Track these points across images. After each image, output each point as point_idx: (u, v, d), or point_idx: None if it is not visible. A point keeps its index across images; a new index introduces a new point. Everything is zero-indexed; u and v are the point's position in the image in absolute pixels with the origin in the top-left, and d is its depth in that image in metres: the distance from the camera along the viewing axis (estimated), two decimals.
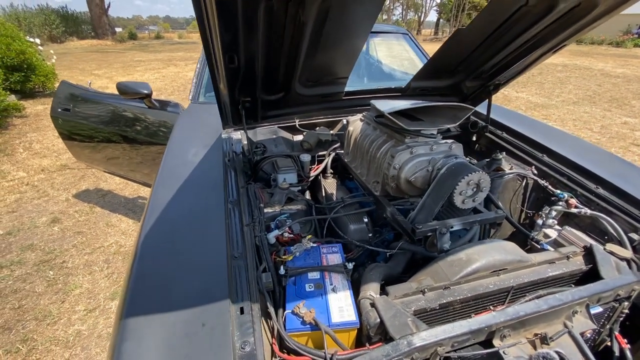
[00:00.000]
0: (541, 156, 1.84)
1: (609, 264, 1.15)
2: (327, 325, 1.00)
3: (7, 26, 7.23)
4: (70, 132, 3.14)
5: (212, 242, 1.14)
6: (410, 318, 0.96)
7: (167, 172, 1.55)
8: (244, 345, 0.86)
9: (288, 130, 2.15)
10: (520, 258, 1.15)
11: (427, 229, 1.25)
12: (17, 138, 5.50)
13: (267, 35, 1.16)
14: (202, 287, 0.98)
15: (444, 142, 1.44)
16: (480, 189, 1.31)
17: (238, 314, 0.94)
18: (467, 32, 1.50)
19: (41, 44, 8.89)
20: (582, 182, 1.61)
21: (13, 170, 4.50)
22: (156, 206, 1.29)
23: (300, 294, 1.10)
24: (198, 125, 2.07)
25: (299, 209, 1.53)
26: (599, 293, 1.02)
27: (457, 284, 1.07)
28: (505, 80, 1.93)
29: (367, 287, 1.11)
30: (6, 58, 6.77)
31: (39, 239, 3.13)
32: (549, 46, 1.59)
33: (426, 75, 1.82)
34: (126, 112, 2.86)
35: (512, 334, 0.95)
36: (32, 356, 2.01)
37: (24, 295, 2.47)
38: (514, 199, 1.81)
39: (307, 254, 1.27)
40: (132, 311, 0.92)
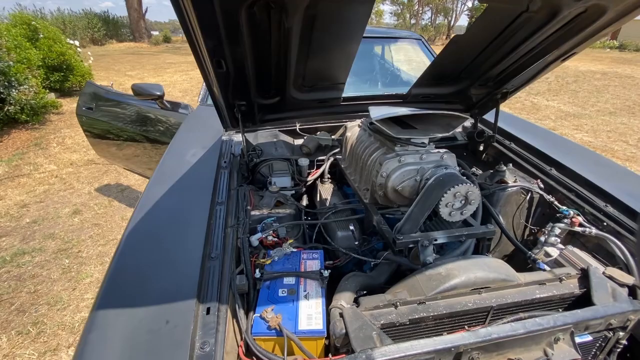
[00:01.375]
0: (549, 169, 1.74)
1: (604, 290, 1.06)
2: (294, 332, 0.99)
3: (50, 29, 7.81)
4: (93, 129, 3.34)
5: (191, 241, 1.16)
6: (375, 331, 0.94)
7: (163, 171, 1.61)
8: (204, 345, 0.87)
9: (289, 134, 2.17)
10: (505, 277, 1.08)
11: (409, 240, 1.22)
12: (52, 133, 5.91)
13: (253, 41, 1.18)
14: (172, 286, 1.00)
15: (436, 152, 1.40)
16: (468, 201, 1.25)
17: (204, 314, 0.95)
18: (467, 39, 1.45)
19: (81, 46, 9.52)
20: (590, 199, 1.50)
21: (45, 163, 4.83)
22: (145, 203, 1.34)
23: (272, 298, 1.10)
24: (202, 127, 2.13)
25: (287, 213, 1.53)
26: (586, 320, 0.94)
27: (433, 300, 1.03)
28: (513, 88, 1.84)
29: (339, 296, 1.09)
30: (48, 59, 7.31)
31: (60, 228, 3.34)
32: (557, 54, 1.51)
33: (427, 82, 1.77)
34: (142, 113, 3.00)
35: (482, 357, 0.90)
36: (40, 339, 2.14)
37: (40, 281, 2.64)
38: (517, 213, 1.72)
39: (286, 259, 1.27)
40: (104, 303, 0.96)
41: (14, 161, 4.83)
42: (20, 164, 4.78)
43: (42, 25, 7.72)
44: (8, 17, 8.00)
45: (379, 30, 3.99)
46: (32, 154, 5.09)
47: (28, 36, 7.15)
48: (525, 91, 9.88)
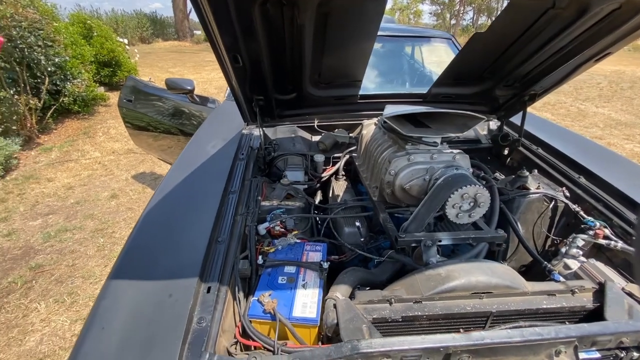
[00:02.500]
0: (577, 177, 1.63)
1: (619, 306, 0.99)
2: (288, 317, 1.02)
3: (103, 28, 8.47)
4: (131, 121, 3.59)
5: (201, 225, 1.23)
6: (366, 324, 0.95)
7: (183, 160, 1.71)
8: (201, 320, 0.93)
9: (307, 130, 2.21)
10: (509, 284, 1.04)
11: (411, 239, 1.21)
12: (99, 124, 6.43)
13: (268, 37, 1.23)
14: (178, 264, 1.07)
15: (449, 152, 1.37)
16: (477, 204, 1.22)
17: (204, 292, 1.01)
18: (488, 36, 1.40)
19: (129, 44, 10.24)
20: (620, 210, 1.39)
21: (91, 151, 5.27)
22: (164, 188, 1.44)
23: (271, 284, 1.14)
24: (225, 121, 2.22)
25: (296, 206, 1.57)
26: (592, 335, 0.88)
27: (429, 300, 1.02)
28: (542, 90, 1.75)
29: (336, 288, 1.11)
30: (99, 55, 7.94)
31: (98, 210, 3.64)
32: (590, 53, 1.41)
33: (448, 81, 1.73)
34: (178, 107, 3.18)
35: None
36: (73, 308, 2.36)
37: (78, 256, 2.90)
38: (539, 222, 1.63)
39: (290, 249, 1.30)
40: (117, 275, 1.05)
41: (65, 147, 5.31)
42: (70, 150, 5.24)
43: (96, 24, 8.40)
44: (68, 17, 8.78)
45: (408, 29, 3.92)
46: (80, 141, 5.57)
47: (83, 34, 7.81)
48: (572, 96, 9.20)
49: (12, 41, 4.92)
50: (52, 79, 5.81)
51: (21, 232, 3.21)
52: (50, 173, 4.46)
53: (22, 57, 5.16)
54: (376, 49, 3.25)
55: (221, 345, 0.99)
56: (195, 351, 0.85)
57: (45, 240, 3.08)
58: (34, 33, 5.34)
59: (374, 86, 2.94)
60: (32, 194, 3.92)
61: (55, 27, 6.00)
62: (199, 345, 0.87)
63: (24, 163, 4.74)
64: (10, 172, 4.44)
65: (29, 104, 5.28)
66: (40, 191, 4.00)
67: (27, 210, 3.60)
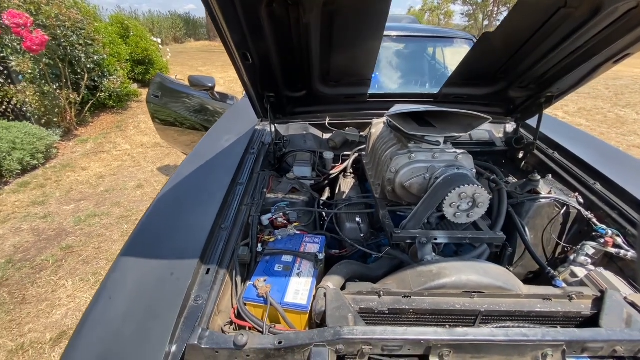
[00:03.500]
0: (593, 183, 1.57)
1: (617, 314, 0.95)
2: (279, 302, 1.07)
3: (139, 28, 8.96)
4: (158, 115, 3.80)
5: (206, 212, 1.31)
6: (352, 313, 0.98)
7: (197, 152, 1.81)
8: (197, 299, 1.00)
9: (319, 128, 2.25)
10: (502, 285, 1.03)
11: (406, 235, 1.22)
12: (131, 118, 6.81)
13: (276, 35, 1.28)
14: (182, 245, 1.15)
15: (452, 152, 1.36)
16: (476, 204, 1.21)
17: (204, 273, 1.09)
18: (498, 36, 1.38)
19: (163, 44, 10.74)
20: (635, 219, 1.33)
21: (122, 143, 5.60)
22: (176, 177, 1.54)
23: (268, 271, 1.19)
24: (240, 117, 2.31)
25: (300, 200, 1.62)
26: (582, 341, 0.86)
27: (419, 295, 1.03)
28: (559, 92, 1.69)
29: (328, 278, 1.15)
30: (134, 54, 8.41)
31: (125, 198, 3.87)
32: (608, 54, 1.36)
33: (458, 81, 1.71)
34: (203, 104, 3.33)
35: (453, 356, 0.88)
36: (96, 286, 2.53)
37: (104, 240, 3.11)
38: (549, 228, 1.58)
39: (289, 239, 1.35)
40: (127, 252, 1.14)
41: (99, 139, 5.68)
42: (104, 142, 5.60)
43: (132, 24, 8.89)
44: (108, 18, 9.37)
45: (430, 29, 3.86)
46: (113, 134, 5.93)
47: (120, 34, 8.30)
48: (611, 102, 8.65)
49: (56, 39, 5.33)
50: (90, 76, 6.23)
51: (56, 215, 3.48)
52: (85, 163, 4.79)
53: (65, 55, 5.58)
54: (398, 50, 3.25)
55: (216, 324, 1.06)
56: (189, 325, 0.92)
57: (76, 224, 3.33)
58: (76, 32, 5.75)
59: (395, 86, 2.94)
60: (67, 181, 4.24)
61: (95, 27, 6.43)
62: (193, 320, 0.94)
63: (63, 153, 5.11)
64: (50, 161, 4.81)
65: (69, 98, 5.69)
66: (75, 179, 4.31)
67: (62, 195, 3.90)
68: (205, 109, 3.31)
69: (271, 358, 0.91)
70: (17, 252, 2.90)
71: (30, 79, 5.13)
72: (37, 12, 4.93)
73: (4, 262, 2.75)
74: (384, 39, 2.87)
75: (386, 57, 2.85)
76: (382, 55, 2.85)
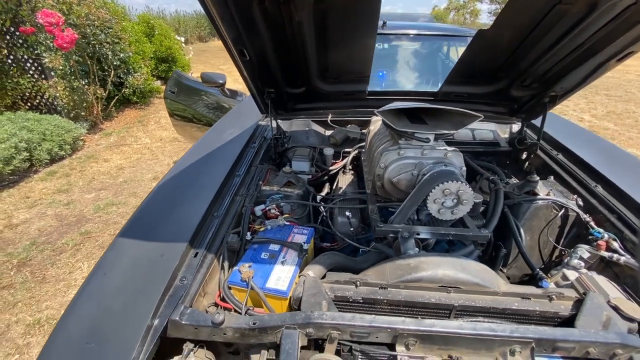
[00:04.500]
0: (594, 186, 1.52)
1: (595, 316, 0.94)
2: (261, 287, 1.12)
3: (163, 27, 9.30)
4: (174, 111, 3.95)
5: (201, 200, 1.37)
6: (326, 300, 1.01)
7: (200, 144, 1.89)
8: (183, 279, 1.07)
9: (321, 124, 2.29)
10: (479, 281, 1.03)
11: (389, 229, 1.24)
12: (152, 113, 7.09)
13: (271, 33, 1.33)
14: (174, 229, 1.22)
15: (442, 149, 1.37)
16: (460, 201, 1.21)
17: (192, 257, 1.15)
18: (493, 34, 1.36)
19: (188, 42, 11.09)
20: (633, 224, 1.29)
21: (143, 137, 5.85)
22: (178, 167, 1.62)
23: (254, 258, 1.24)
24: (246, 112, 2.38)
25: (295, 193, 1.66)
26: (552, 340, 0.86)
27: (395, 287, 1.05)
28: (563, 92, 1.65)
29: (310, 267, 1.18)
30: (158, 52, 8.74)
31: (141, 189, 4.06)
32: (610, 52, 1.32)
33: (458, 79, 1.70)
34: (213, 100, 3.45)
35: (420, 347, 0.90)
36: None
37: (119, 227, 3.25)
38: (546, 230, 1.55)
39: (279, 230, 1.40)
40: (123, 234, 1.23)
41: (122, 133, 5.96)
42: (126, 135, 5.88)
43: (157, 23, 9.24)
44: (136, 17, 9.79)
45: (446, 27, 3.80)
46: (135, 128, 6.21)
47: (146, 32, 8.65)
48: None
49: (86, 38, 5.64)
50: (116, 72, 6.54)
51: (77, 202, 3.70)
52: (107, 154, 5.05)
53: (94, 52, 5.89)
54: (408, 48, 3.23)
55: (201, 304, 1.12)
56: (172, 302, 0.99)
57: (95, 211, 3.53)
58: (104, 31, 6.06)
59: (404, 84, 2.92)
60: (90, 171, 4.49)
61: (122, 26, 6.74)
62: (177, 298, 1.01)
63: (88, 145, 5.41)
64: (77, 152, 5.10)
65: (96, 93, 6.01)
66: (97, 169, 4.56)
67: (85, 184, 4.13)
68: (219, 106, 3.42)
69: (246, 337, 0.96)
70: (40, 235, 3.12)
71: (61, 74, 5.46)
72: (68, 11, 5.24)
73: (28, 244, 2.96)
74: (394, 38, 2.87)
75: (395, 55, 2.84)
76: (391, 53, 2.85)
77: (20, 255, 2.82)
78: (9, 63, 5.37)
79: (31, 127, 4.49)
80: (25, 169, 4.27)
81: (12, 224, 3.25)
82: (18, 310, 2.32)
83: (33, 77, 5.55)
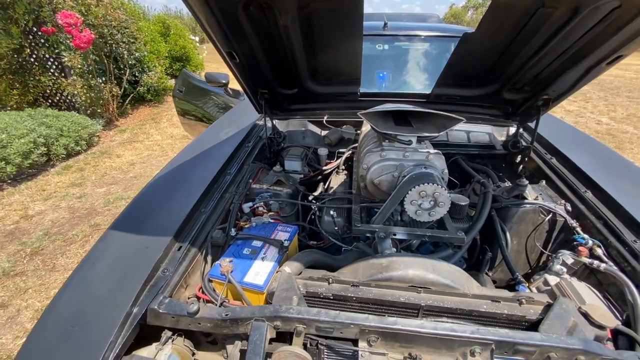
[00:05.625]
0: (583, 191, 1.50)
1: (561, 322, 0.94)
2: (238, 281, 1.17)
3: (178, 27, 9.54)
4: (182, 109, 4.07)
5: (190, 196, 1.43)
6: (297, 296, 1.05)
7: (196, 142, 1.96)
8: (165, 271, 1.13)
9: (318, 125, 2.32)
10: (449, 283, 1.05)
11: (366, 229, 1.26)
12: (165, 111, 7.29)
13: (258, 36, 1.37)
14: (160, 224, 1.29)
15: (425, 151, 1.38)
16: (437, 203, 1.22)
17: (175, 250, 1.21)
18: (479, 37, 1.36)
19: (200, 42, 11.32)
20: (619, 231, 1.27)
21: (154, 134, 6.04)
22: (172, 163, 1.69)
23: (236, 253, 1.29)
24: (245, 112, 2.43)
25: (284, 192, 1.70)
26: (512, 342, 0.87)
27: (366, 285, 1.08)
28: (555, 95, 1.62)
29: (288, 264, 1.22)
30: (173, 51, 8.97)
31: None
32: (598, 56, 1.30)
33: (448, 82, 1.70)
34: (217, 99, 3.54)
35: (382, 343, 0.92)
36: None
37: None
38: (534, 235, 1.54)
39: (263, 227, 1.44)
40: (114, 227, 1.30)
41: (135, 130, 6.17)
42: (139, 132, 6.07)
43: (173, 23, 9.49)
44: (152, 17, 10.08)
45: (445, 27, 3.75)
46: (147, 125, 6.41)
47: (161, 32, 8.89)
48: None
49: (103, 37, 5.86)
50: (132, 71, 6.77)
51: (89, 196, 3.87)
52: (120, 150, 5.24)
53: (110, 52, 6.11)
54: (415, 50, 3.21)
55: (183, 296, 1.18)
56: (152, 292, 1.05)
57: (105, 205, 3.68)
58: (121, 31, 6.28)
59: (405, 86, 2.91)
60: (103, 166, 4.67)
61: (138, 26, 6.96)
62: (157, 288, 1.07)
63: (103, 141, 5.63)
64: (92, 148, 5.32)
65: (112, 91, 6.24)
66: (110, 165, 4.74)
67: (97, 179, 4.31)
68: (226, 105, 3.50)
69: (219, 327, 1.01)
70: (53, 226, 3.28)
71: (80, 73, 5.69)
72: (87, 12, 5.45)
73: (41, 234, 3.13)
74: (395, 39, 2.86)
75: (395, 56, 2.84)
76: (391, 54, 2.85)
77: (33, 245, 2.98)
78: (31, 62, 5.65)
79: (50, 123, 4.71)
80: (43, 163, 4.49)
81: (28, 215, 3.44)
82: (28, 296, 2.46)
83: (54, 76, 5.81)
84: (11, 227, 3.24)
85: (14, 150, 3.91)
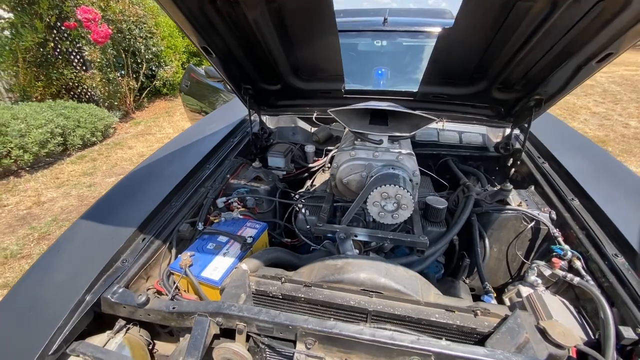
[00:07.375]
0: (570, 199, 1.40)
1: (512, 337, 0.88)
2: (196, 276, 1.17)
3: None
4: (188, 103, 4.15)
5: (163, 189, 1.45)
6: (245, 293, 1.04)
7: (181, 136, 1.98)
8: (124, 261, 1.15)
9: (308, 122, 2.30)
10: (401, 288, 1.01)
11: (327, 229, 1.24)
12: (179, 105, 7.46)
13: (230, 31, 1.36)
14: (127, 216, 1.31)
15: (396, 152, 1.33)
16: (400, 206, 1.18)
17: (139, 241, 1.23)
18: (457, 34, 1.30)
19: None
20: (601, 243, 1.18)
21: (167, 127, 6.20)
22: (153, 157, 1.73)
23: (200, 248, 1.30)
24: (234, 108, 2.43)
25: (262, 188, 1.70)
26: (453, 356, 0.82)
27: (318, 286, 1.06)
28: (548, 96, 1.52)
29: (247, 260, 1.21)
30: (190, 46, 9.13)
31: None
32: (586, 53, 1.20)
33: (433, 80, 1.63)
34: (220, 93, 3.58)
35: (319, 347, 0.90)
36: None
37: None
38: (515, 242, 1.46)
39: (233, 222, 1.45)
40: (85, 216, 1.34)
41: (149, 122, 6.36)
42: (152, 125, 6.26)
43: None
44: None
45: None
46: (161, 119, 6.59)
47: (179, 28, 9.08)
48: None
49: (121, 32, 6.05)
50: (149, 65, 6.96)
51: (99, 185, 4.03)
52: (133, 142, 5.42)
53: (128, 46, 6.31)
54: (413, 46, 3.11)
55: (143, 286, 1.20)
56: (108, 281, 1.07)
57: None
58: (139, 26, 6.46)
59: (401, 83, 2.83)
60: (115, 157, 4.85)
61: (156, 21, 7.14)
62: (113, 278, 1.09)
63: (118, 133, 5.84)
64: (107, 139, 5.53)
65: (129, 85, 6.46)
66: (121, 156, 4.92)
67: (108, 169, 4.48)
68: (226, 100, 3.54)
69: (167, 320, 1.02)
70: (62, 212, 3.45)
71: (99, 66, 5.92)
72: (105, 7, 5.64)
73: (50, 220, 3.29)
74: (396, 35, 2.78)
75: (394, 52, 2.76)
76: (390, 50, 2.77)
77: (41, 230, 3.14)
78: (55, 55, 5.92)
79: (68, 115, 4.93)
80: (60, 152, 4.72)
81: (40, 201, 3.62)
82: None
83: (75, 69, 6.07)
84: (24, 212, 3.43)
85: (32, 139, 4.12)
